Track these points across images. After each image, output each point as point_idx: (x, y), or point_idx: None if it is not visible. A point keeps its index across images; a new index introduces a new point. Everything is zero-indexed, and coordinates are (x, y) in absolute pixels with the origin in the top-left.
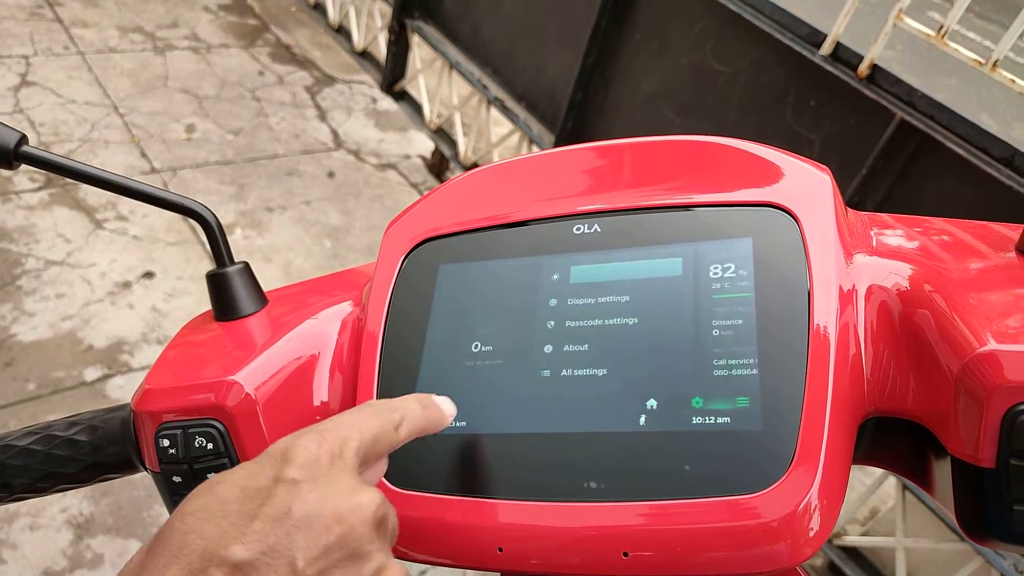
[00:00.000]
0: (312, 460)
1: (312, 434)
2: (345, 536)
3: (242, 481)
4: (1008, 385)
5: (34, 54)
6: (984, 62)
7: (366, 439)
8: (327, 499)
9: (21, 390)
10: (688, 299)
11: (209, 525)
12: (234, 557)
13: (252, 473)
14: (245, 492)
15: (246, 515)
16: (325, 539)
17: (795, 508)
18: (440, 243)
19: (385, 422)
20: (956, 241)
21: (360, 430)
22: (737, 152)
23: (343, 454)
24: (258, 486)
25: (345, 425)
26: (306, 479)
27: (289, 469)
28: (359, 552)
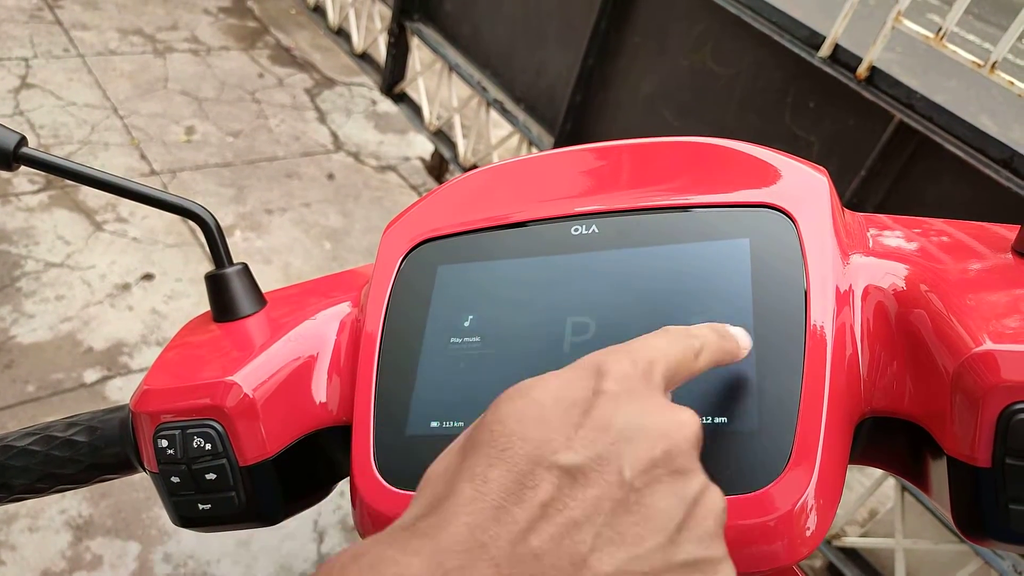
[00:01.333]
0: (627, 376)
1: (622, 353)
2: (670, 451)
3: (557, 389)
4: (1004, 384)
5: (34, 56)
6: (983, 64)
7: (671, 363)
8: (647, 413)
9: (21, 392)
10: (686, 299)
11: (531, 429)
12: (563, 461)
13: (568, 381)
14: (564, 399)
15: (569, 422)
16: (651, 452)
17: (792, 507)
18: (438, 244)
19: (687, 348)
20: (953, 242)
21: (666, 353)
22: (734, 153)
23: (653, 374)
24: (575, 396)
25: (651, 347)
26: (624, 392)
27: (606, 382)
28: (684, 469)
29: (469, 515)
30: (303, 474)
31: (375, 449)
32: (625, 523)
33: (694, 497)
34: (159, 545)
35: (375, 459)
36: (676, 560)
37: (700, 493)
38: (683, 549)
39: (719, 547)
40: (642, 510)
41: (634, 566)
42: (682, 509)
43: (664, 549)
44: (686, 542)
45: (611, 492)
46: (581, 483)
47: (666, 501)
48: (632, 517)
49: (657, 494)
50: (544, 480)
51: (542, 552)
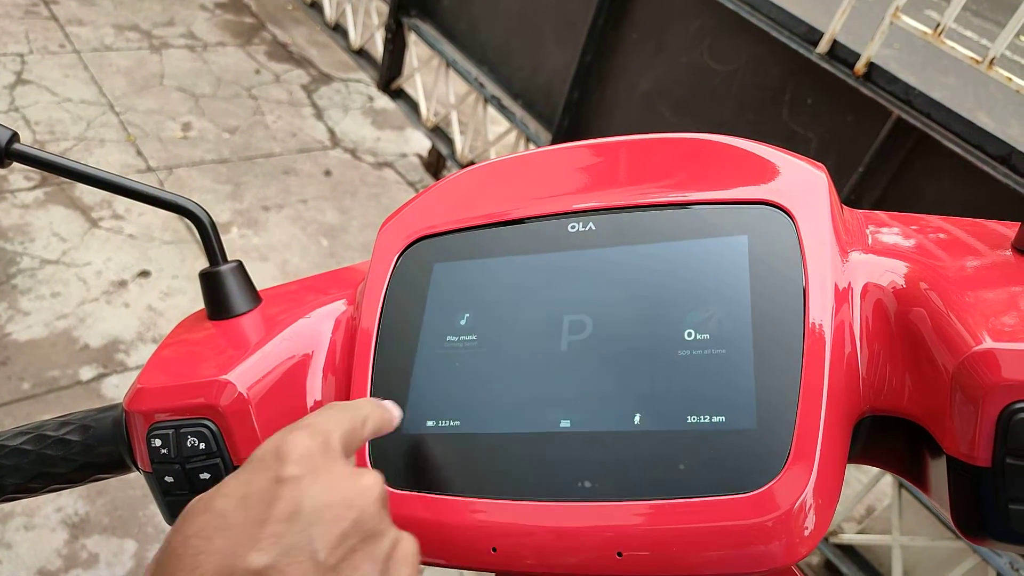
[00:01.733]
0: (308, 454)
1: (299, 430)
2: (358, 520)
3: (239, 490)
4: (1004, 383)
5: (30, 52)
6: (981, 60)
7: (344, 432)
8: (332, 488)
9: (16, 389)
10: (684, 297)
11: (217, 542)
12: (254, 565)
13: (248, 480)
14: (246, 500)
15: (254, 522)
16: (340, 526)
17: (790, 507)
18: (434, 241)
19: (354, 417)
20: (952, 239)
21: (338, 422)
22: (733, 150)
23: (331, 443)
24: (259, 491)
25: (323, 420)
26: (307, 473)
27: (287, 467)
28: (374, 531)
29: None
30: None
31: (370, 448)
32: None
33: (387, 554)
34: (155, 543)
35: (370, 458)
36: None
37: (392, 548)
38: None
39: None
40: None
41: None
42: (378, 568)
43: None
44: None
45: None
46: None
47: (363, 567)
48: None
49: (354, 562)
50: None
51: None
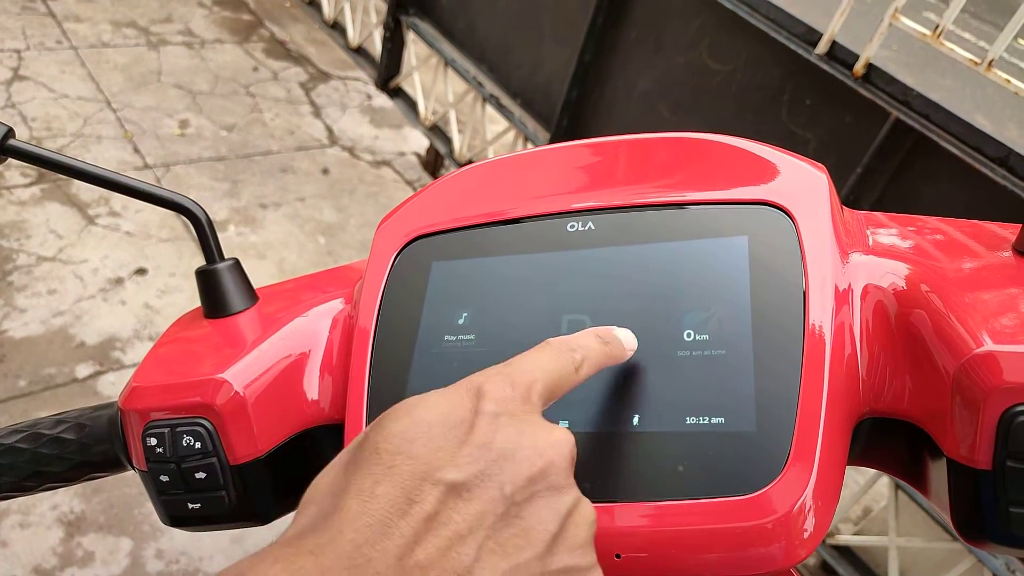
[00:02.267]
0: (506, 398)
1: (501, 375)
2: (546, 469)
3: (442, 408)
4: (1005, 386)
5: (26, 48)
6: (980, 62)
7: (550, 381)
8: (526, 433)
9: (12, 387)
10: (683, 298)
11: (416, 447)
12: (448, 478)
13: (450, 402)
14: (447, 419)
15: (453, 440)
16: (529, 470)
17: (789, 510)
18: (433, 240)
19: (566, 362)
20: (952, 241)
21: (545, 370)
22: (733, 150)
23: (531, 395)
24: (458, 416)
25: (530, 367)
26: (503, 414)
27: (486, 403)
28: (558, 485)
29: (355, 531)
30: (294, 473)
31: None
32: (506, 535)
33: (568, 510)
34: (151, 541)
35: None
36: (551, 568)
37: (573, 507)
38: (558, 558)
39: (590, 556)
40: (521, 523)
41: (514, 575)
42: (557, 522)
43: (541, 559)
44: (561, 552)
45: (493, 507)
46: (465, 498)
47: (543, 514)
48: (512, 530)
49: (535, 508)
50: (429, 495)
51: (428, 564)
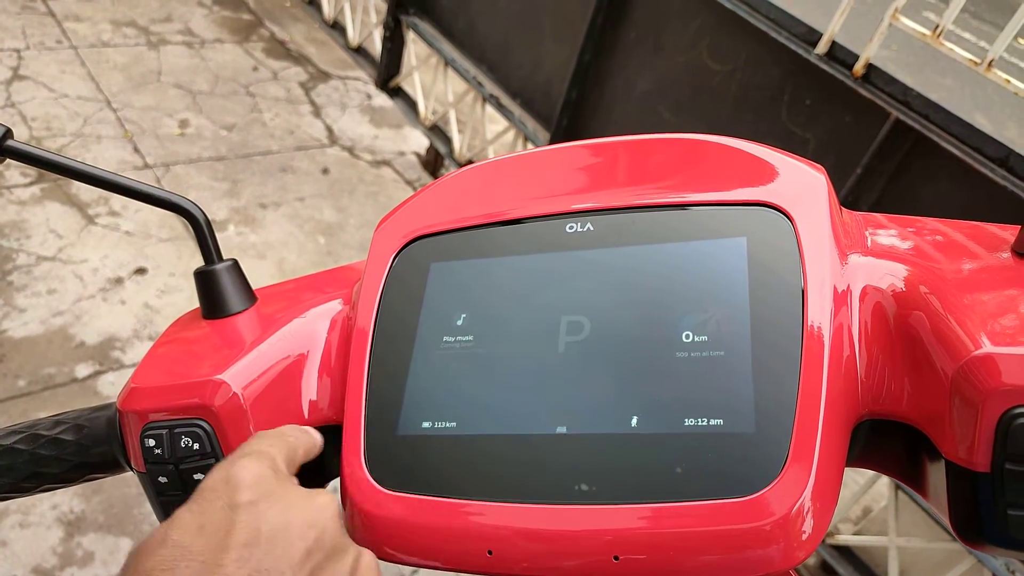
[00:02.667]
0: (259, 479)
1: (244, 457)
2: (320, 537)
3: (195, 521)
4: (1004, 388)
5: (26, 48)
6: (979, 62)
7: (285, 452)
8: (289, 509)
9: (12, 387)
10: (682, 299)
11: (180, 572)
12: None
13: (201, 510)
14: (203, 529)
15: (215, 549)
16: (304, 545)
17: (788, 511)
18: (432, 241)
19: (288, 443)
20: (951, 242)
21: (278, 447)
22: (732, 151)
23: (279, 467)
24: (214, 520)
25: (264, 445)
26: (261, 497)
27: (241, 493)
28: (336, 548)
29: None
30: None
31: (366, 449)
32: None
33: (351, 569)
34: None
35: (365, 459)
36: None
37: (355, 563)
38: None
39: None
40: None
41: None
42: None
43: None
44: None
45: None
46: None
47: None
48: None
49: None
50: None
51: None
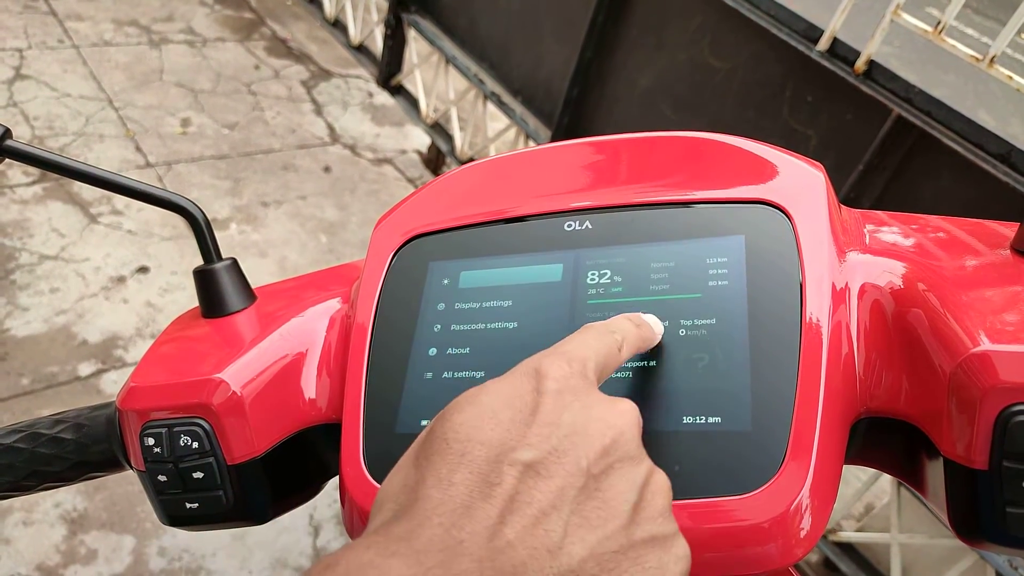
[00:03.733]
0: (566, 376)
1: (556, 355)
2: (617, 439)
3: (504, 393)
4: (1002, 386)
5: (28, 47)
6: (981, 58)
7: (600, 358)
8: (592, 407)
9: (14, 385)
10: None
11: (486, 432)
12: (523, 457)
13: (511, 386)
14: (511, 403)
15: (520, 422)
16: (601, 442)
17: (786, 509)
18: (430, 239)
19: (610, 343)
20: (951, 239)
21: (594, 349)
22: (730, 149)
23: (587, 372)
24: (522, 398)
25: (581, 347)
26: (565, 391)
27: (547, 383)
28: (631, 455)
29: (441, 516)
30: (292, 473)
31: (364, 447)
32: (589, 508)
33: (644, 480)
34: (154, 539)
35: (364, 457)
36: (637, 538)
37: (648, 476)
38: (641, 528)
39: (671, 523)
40: (601, 495)
41: (603, 547)
42: (635, 492)
43: (626, 529)
44: (643, 522)
45: (573, 481)
46: (544, 475)
47: (621, 486)
48: (594, 502)
49: (612, 480)
50: (508, 476)
51: (518, 542)
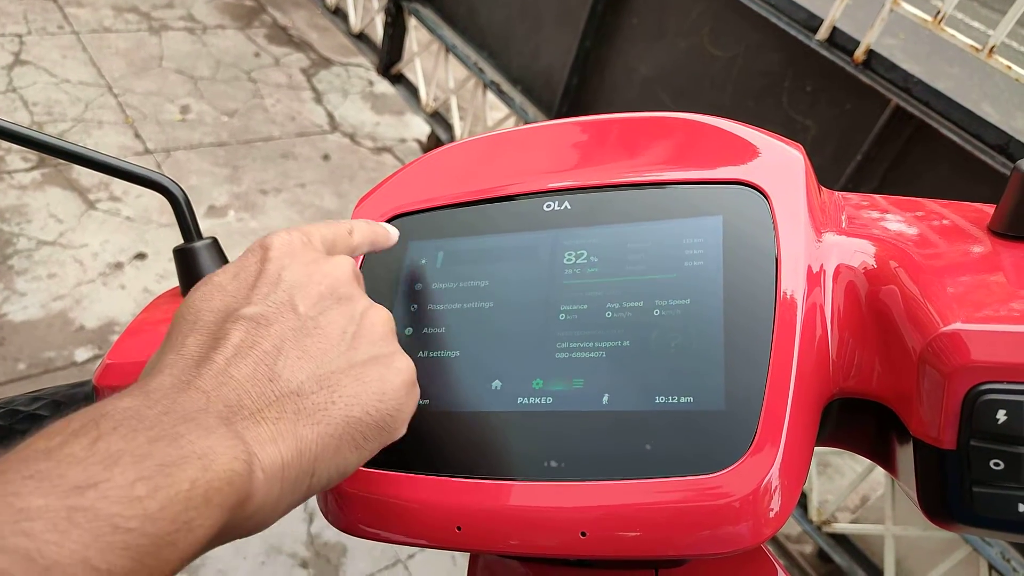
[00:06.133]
0: (288, 243)
1: (281, 232)
2: (332, 286)
3: (232, 269)
4: (970, 365)
5: (28, 33)
6: (980, 48)
7: (327, 234)
8: (308, 264)
9: (11, 370)
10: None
11: (215, 301)
12: (246, 312)
13: (240, 263)
14: (237, 275)
15: (245, 287)
16: (317, 289)
17: (756, 488)
18: (410, 219)
19: (338, 228)
20: (928, 220)
21: (319, 229)
22: (710, 129)
23: (312, 241)
24: (247, 269)
25: (308, 225)
26: (286, 255)
27: (270, 252)
28: (347, 295)
29: (173, 369)
30: None
31: None
32: (307, 343)
33: (360, 314)
34: None
35: None
36: (356, 359)
37: (365, 311)
38: (360, 351)
39: (390, 345)
40: (319, 331)
41: (322, 369)
42: (353, 324)
43: (344, 354)
44: (361, 345)
45: (291, 324)
46: (264, 324)
47: (337, 321)
48: (312, 338)
49: (329, 318)
50: (234, 330)
51: (243, 378)
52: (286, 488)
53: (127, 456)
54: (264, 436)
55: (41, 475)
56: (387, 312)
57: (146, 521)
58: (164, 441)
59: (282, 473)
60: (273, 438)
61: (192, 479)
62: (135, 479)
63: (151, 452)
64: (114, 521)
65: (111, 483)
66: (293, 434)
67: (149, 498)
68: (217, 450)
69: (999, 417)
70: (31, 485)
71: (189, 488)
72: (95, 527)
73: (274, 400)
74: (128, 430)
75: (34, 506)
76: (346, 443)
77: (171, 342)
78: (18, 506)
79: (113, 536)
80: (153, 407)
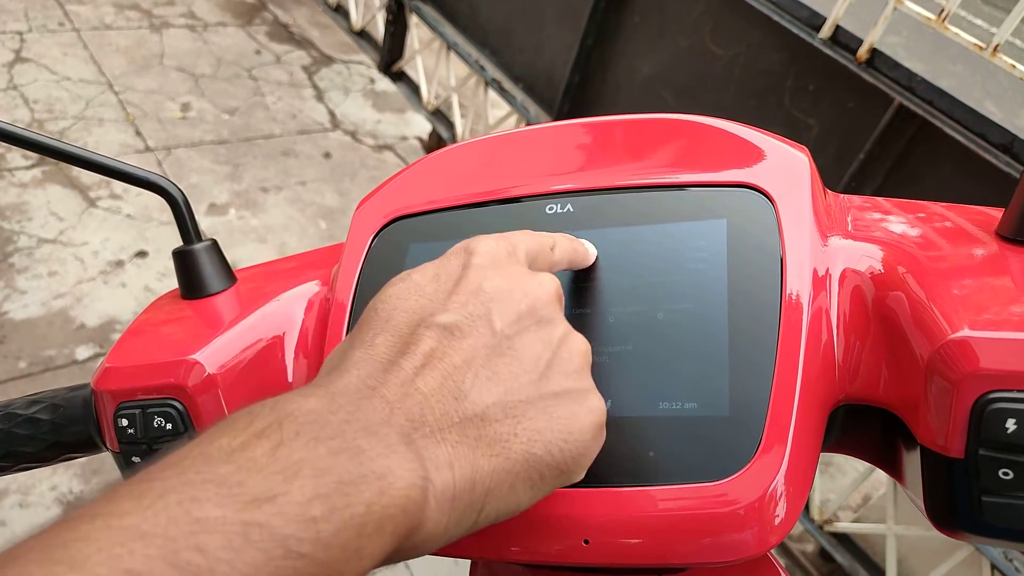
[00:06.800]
0: (493, 251)
1: (488, 237)
2: (533, 305)
3: (433, 269)
4: (979, 373)
5: (28, 30)
6: (984, 47)
7: (531, 247)
8: (512, 278)
9: (12, 368)
10: (661, 281)
11: (411, 302)
12: (441, 321)
13: (441, 263)
14: (438, 276)
15: (443, 291)
16: (517, 307)
17: (761, 495)
18: (411, 221)
19: (542, 242)
20: (935, 224)
21: (526, 239)
22: (714, 131)
23: (516, 252)
24: (448, 271)
25: (514, 234)
26: (490, 265)
27: (474, 258)
28: (547, 319)
29: (360, 369)
30: None
31: None
32: (499, 364)
33: (559, 340)
34: None
35: None
36: (547, 391)
37: (563, 337)
38: (553, 382)
39: (585, 380)
40: (513, 353)
41: (510, 397)
42: (549, 351)
43: (536, 383)
44: (555, 376)
45: (485, 341)
46: (458, 336)
47: (534, 345)
48: (505, 359)
49: (525, 340)
50: (425, 337)
51: (428, 391)
52: (452, 520)
53: (307, 468)
54: (442, 459)
55: (221, 480)
56: (587, 343)
57: (318, 547)
58: (345, 455)
59: (452, 504)
60: (450, 463)
61: (368, 502)
62: (312, 496)
63: (331, 467)
64: (288, 544)
65: (288, 498)
66: (471, 463)
67: (324, 520)
68: (396, 472)
69: (1008, 426)
70: (210, 491)
71: (364, 512)
72: (268, 548)
73: (457, 422)
74: (310, 438)
75: (211, 517)
76: (521, 481)
77: (361, 336)
78: (195, 515)
79: (284, 561)
80: (337, 413)
